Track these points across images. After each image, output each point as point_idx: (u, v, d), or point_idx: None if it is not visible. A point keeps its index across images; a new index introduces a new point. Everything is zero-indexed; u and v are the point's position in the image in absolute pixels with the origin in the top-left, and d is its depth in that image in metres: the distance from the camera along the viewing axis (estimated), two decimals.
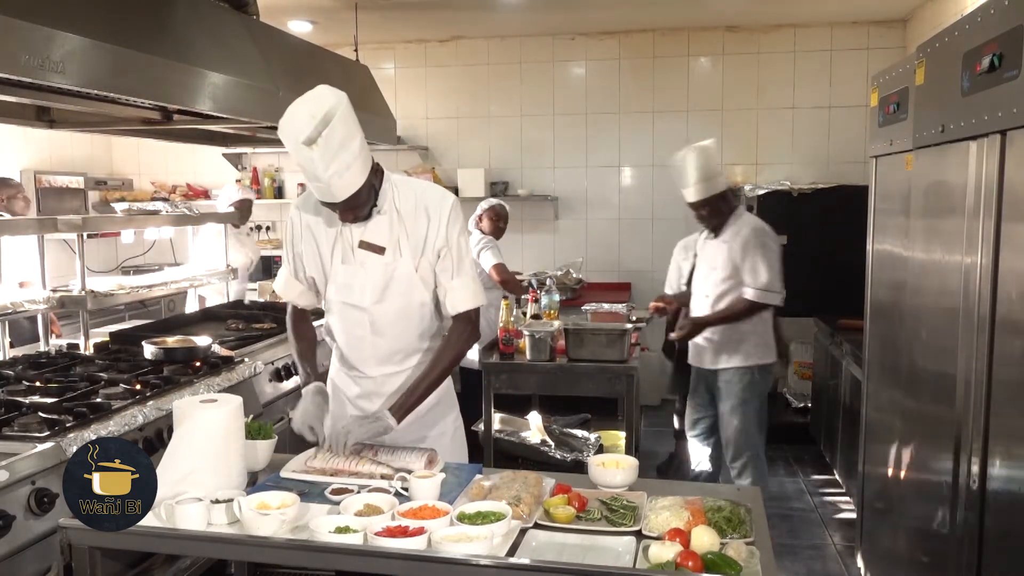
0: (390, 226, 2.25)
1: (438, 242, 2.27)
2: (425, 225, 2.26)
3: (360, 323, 2.31)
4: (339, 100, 2.05)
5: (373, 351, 2.34)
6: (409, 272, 2.26)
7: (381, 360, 2.34)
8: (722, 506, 1.85)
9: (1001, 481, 2.01)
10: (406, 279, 2.27)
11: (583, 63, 6.50)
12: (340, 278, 2.30)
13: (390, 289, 2.27)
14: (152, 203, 4.86)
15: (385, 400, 2.33)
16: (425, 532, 1.67)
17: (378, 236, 2.25)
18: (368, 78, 4.54)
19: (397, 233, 2.25)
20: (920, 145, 2.56)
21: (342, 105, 2.04)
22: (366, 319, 2.30)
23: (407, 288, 2.27)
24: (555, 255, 6.52)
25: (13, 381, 2.88)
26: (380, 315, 2.29)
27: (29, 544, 2.09)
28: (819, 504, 4.50)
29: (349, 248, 2.28)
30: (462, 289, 2.31)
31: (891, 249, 2.98)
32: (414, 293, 2.29)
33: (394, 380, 2.36)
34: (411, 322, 2.33)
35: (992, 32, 1.97)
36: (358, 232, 2.26)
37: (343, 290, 2.30)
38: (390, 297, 2.27)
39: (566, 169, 6.57)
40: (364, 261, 2.26)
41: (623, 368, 3.88)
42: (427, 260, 2.27)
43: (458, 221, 2.31)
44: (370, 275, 2.26)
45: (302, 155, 2.03)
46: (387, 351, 2.34)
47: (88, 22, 2.25)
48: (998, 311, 2.01)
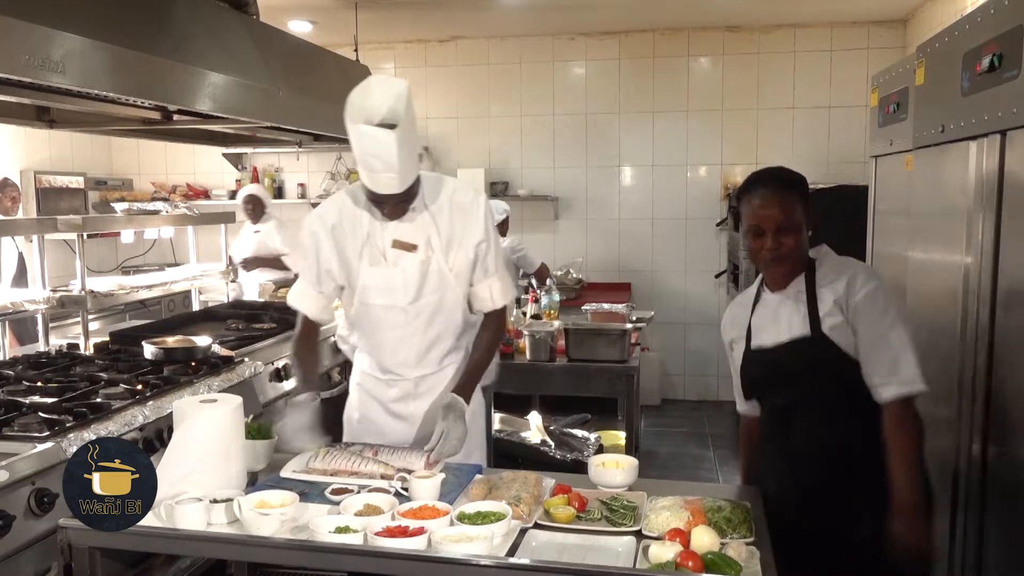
0: (421, 223, 2.23)
1: (475, 237, 2.25)
2: (460, 222, 2.24)
3: (398, 324, 2.28)
4: (406, 87, 2.04)
5: (410, 351, 2.31)
6: (442, 268, 2.24)
7: (420, 360, 2.33)
8: (722, 506, 1.85)
9: (1001, 480, 2.01)
10: (439, 275, 2.25)
11: (583, 63, 6.50)
12: (373, 281, 2.24)
13: (426, 286, 2.25)
14: (152, 203, 4.86)
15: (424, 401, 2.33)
16: (425, 532, 1.67)
17: (409, 234, 2.22)
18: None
19: (427, 230, 2.23)
20: (920, 145, 2.56)
21: (408, 92, 2.03)
22: (405, 319, 2.27)
23: (441, 284, 2.26)
24: (555, 255, 6.52)
25: (13, 381, 2.88)
26: (418, 313, 2.27)
27: (29, 544, 2.09)
28: None
29: (379, 250, 2.23)
30: (501, 283, 2.33)
31: (891, 249, 2.98)
32: (448, 289, 2.27)
33: (431, 380, 2.35)
34: (447, 318, 2.31)
35: (992, 32, 1.97)
36: (390, 231, 2.22)
37: (379, 292, 2.25)
38: (426, 294, 2.25)
39: (566, 169, 6.57)
40: (397, 260, 2.23)
41: (623, 368, 3.87)
42: (464, 256, 2.25)
43: (491, 216, 2.31)
44: (406, 274, 2.23)
45: (379, 140, 1.95)
46: (426, 350, 2.32)
47: (88, 22, 2.25)
48: (998, 311, 2.01)
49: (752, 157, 6.24)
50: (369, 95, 2.01)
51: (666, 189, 6.41)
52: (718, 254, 6.41)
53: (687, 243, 6.45)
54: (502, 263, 2.35)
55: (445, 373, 2.36)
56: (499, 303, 2.34)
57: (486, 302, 2.33)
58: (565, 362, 3.94)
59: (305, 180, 6.88)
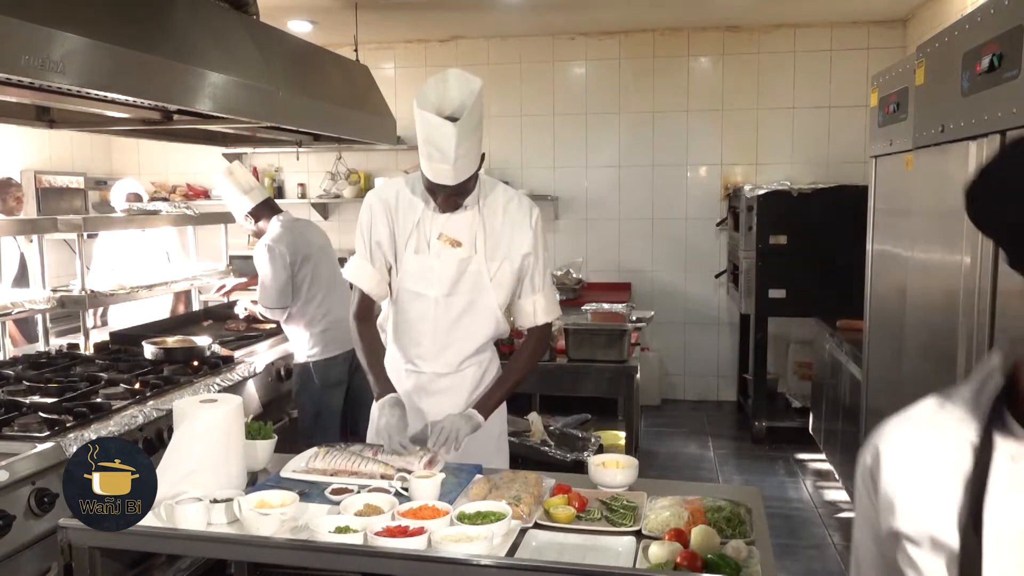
0: (471, 222, 2.25)
1: (523, 248, 2.27)
2: (510, 229, 2.26)
3: (426, 315, 2.29)
4: (478, 86, 2.07)
5: (431, 344, 2.32)
6: (480, 270, 2.25)
7: (438, 356, 2.33)
8: (722, 506, 1.85)
9: None
10: (477, 276, 2.26)
11: (583, 63, 6.50)
12: (412, 267, 2.27)
13: (461, 283, 2.26)
14: (152, 203, 4.85)
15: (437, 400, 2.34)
16: (425, 532, 1.67)
17: (458, 230, 2.25)
18: (368, 78, 4.53)
19: (475, 230, 2.25)
20: (920, 145, 2.56)
21: (479, 91, 2.06)
22: (433, 311, 2.28)
23: (476, 285, 2.27)
24: (555, 255, 6.52)
25: (13, 381, 2.88)
26: (447, 308, 2.27)
27: (29, 544, 2.09)
28: (819, 504, 4.50)
29: (425, 239, 2.26)
30: (546, 301, 2.35)
31: (891, 249, 2.98)
32: (483, 293, 2.27)
33: (447, 380, 2.35)
34: (476, 321, 2.31)
35: (992, 32, 1.97)
36: (439, 223, 2.25)
37: (414, 279, 2.28)
38: (460, 291, 2.26)
39: (566, 169, 6.58)
40: (440, 252, 2.25)
41: (623, 368, 3.88)
42: (509, 265, 2.27)
43: (543, 234, 2.32)
44: (444, 266, 2.25)
45: (440, 130, 2.00)
46: (446, 347, 2.32)
47: (88, 22, 2.25)
48: (998, 311, 2.01)
49: (752, 157, 6.23)
50: (444, 85, 2.06)
51: (666, 189, 6.41)
52: (718, 254, 6.41)
53: (687, 243, 6.45)
54: (550, 281, 2.38)
55: (463, 375, 2.36)
56: (541, 320, 2.36)
57: (528, 317, 2.36)
58: (565, 362, 3.94)
59: (305, 180, 6.88)
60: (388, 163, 6.74)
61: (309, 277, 3.57)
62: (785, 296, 5.32)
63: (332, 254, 3.81)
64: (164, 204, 4.55)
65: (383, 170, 6.72)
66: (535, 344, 2.40)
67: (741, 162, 6.28)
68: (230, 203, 3.71)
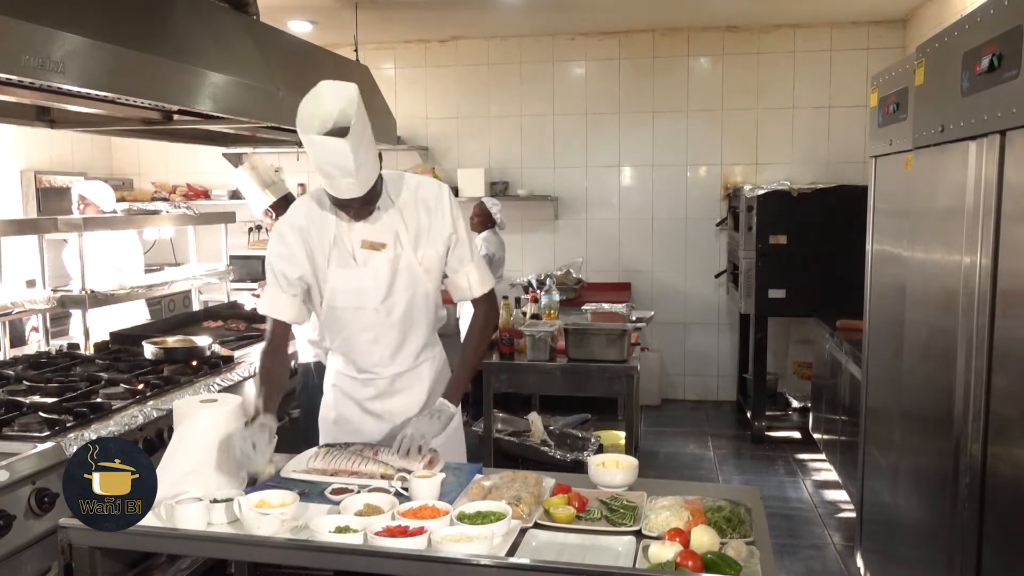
0: (388, 221, 2.23)
1: (444, 231, 2.26)
2: (427, 217, 2.25)
3: (370, 325, 2.28)
4: (356, 90, 2.03)
5: (385, 351, 2.31)
6: (412, 264, 2.25)
7: (393, 358, 2.33)
8: (722, 506, 1.85)
9: (1001, 481, 2.01)
10: (409, 271, 2.25)
11: (583, 63, 6.50)
12: (343, 283, 2.23)
13: (396, 284, 2.25)
14: (152, 203, 4.87)
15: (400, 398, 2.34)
16: (425, 532, 1.67)
17: (377, 233, 2.23)
18: (368, 78, 4.53)
19: (395, 227, 2.23)
20: (920, 145, 2.56)
21: (358, 95, 2.02)
22: (376, 319, 2.27)
23: (412, 281, 2.26)
24: (555, 255, 6.52)
25: (13, 381, 2.88)
26: (389, 312, 2.27)
27: (29, 544, 2.09)
28: (819, 504, 4.50)
29: (348, 251, 2.22)
30: (477, 272, 2.35)
31: (891, 249, 2.98)
32: (419, 285, 2.28)
33: (406, 378, 2.36)
34: (419, 314, 2.32)
35: (992, 32, 1.97)
36: (357, 232, 2.22)
37: (348, 295, 2.24)
38: (397, 292, 2.26)
39: (566, 169, 6.58)
40: (367, 260, 2.23)
41: (623, 368, 3.88)
42: (434, 251, 2.27)
43: (458, 208, 2.32)
44: (376, 274, 2.23)
45: (330, 148, 1.95)
46: (399, 348, 2.32)
47: (88, 22, 2.25)
48: (998, 311, 2.01)
49: (752, 157, 6.24)
50: (318, 102, 2.01)
51: (666, 189, 6.42)
52: (718, 254, 6.41)
53: (687, 243, 6.45)
54: (477, 252, 2.37)
55: (420, 370, 2.37)
56: (478, 291, 2.36)
57: (465, 291, 2.35)
58: (565, 362, 3.94)
59: (305, 180, 6.88)
60: (388, 163, 6.72)
61: None
62: (785, 296, 5.33)
63: None
64: (164, 204, 4.56)
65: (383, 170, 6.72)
66: (484, 316, 2.40)
67: (741, 162, 6.28)
68: (250, 198, 3.67)
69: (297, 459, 2.17)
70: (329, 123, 1.99)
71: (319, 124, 1.98)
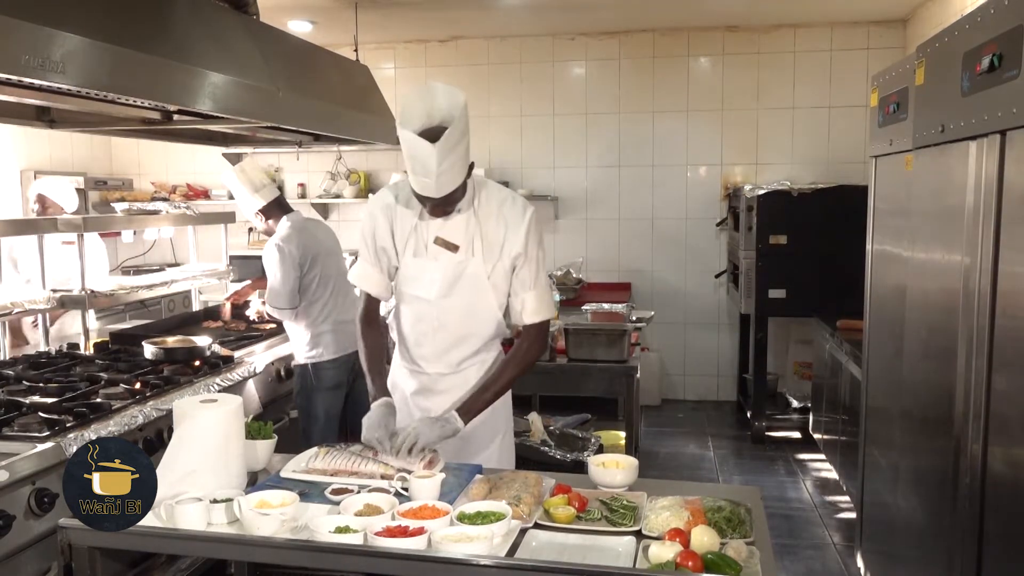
0: (467, 225, 2.27)
1: (514, 250, 2.28)
2: (503, 231, 2.28)
3: (426, 317, 2.33)
4: (462, 100, 2.07)
5: (433, 347, 2.35)
6: (478, 272, 2.28)
7: (439, 357, 2.35)
8: (722, 506, 1.85)
9: (1001, 480, 2.01)
10: (474, 278, 2.28)
11: (583, 63, 6.50)
12: (410, 270, 2.31)
13: (458, 286, 2.28)
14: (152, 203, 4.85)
15: (442, 399, 2.35)
16: (425, 532, 1.67)
17: (454, 234, 2.27)
18: (368, 78, 4.53)
19: (472, 233, 2.27)
20: (920, 145, 2.56)
21: (463, 104, 2.06)
22: (432, 313, 2.31)
23: (474, 287, 2.29)
24: (555, 255, 6.52)
25: (13, 381, 2.88)
26: (445, 311, 2.30)
27: (29, 544, 2.09)
28: (819, 504, 4.50)
29: (423, 243, 2.29)
30: (536, 300, 2.35)
31: (891, 249, 2.98)
32: (481, 294, 2.30)
33: (449, 380, 2.37)
34: (475, 323, 2.34)
35: (992, 32, 1.97)
36: (435, 228, 2.28)
37: (411, 282, 2.32)
38: (457, 293, 2.29)
39: (566, 169, 6.58)
40: (437, 256, 2.29)
41: (623, 368, 3.88)
42: (502, 266, 2.29)
43: (537, 233, 2.32)
44: (440, 270, 2.28)
45: (419, 148, 2.02)
46: (447, 349, 2.34)
47: (88, 22, 2.25)
48: (998, 311, 2.01)
49: (752, 157, 6.23)
50: (420, 101, 2.07)
51: (666, 189, 6.41)
52: (718, 254, 6.41)
53: (687, 243, 6.45)
54: (544, 281, 2.38)
55: (464, 376, 2.38)
56: (528, 319, 2.36)
57: (517, 315, 2.37)
58: (565, 362, 3.94)
59: (305, 180, 6.89)
60: (388, 163, 6.74)
61: (317, 278, 3.56)
62: (785, 296, 5.33)
63: (340, 255, 3.81)
64: (164, 204, 4.55)
65: (383, 170, 6.73)
66: (528, 346, 2.38)
67: (741, 162, 6.28)
68: (240, 201, 3.68)
69: (297, 459, 2.17)
70: (436, 116, 2.05)
71: (424, 118, 2.05)
